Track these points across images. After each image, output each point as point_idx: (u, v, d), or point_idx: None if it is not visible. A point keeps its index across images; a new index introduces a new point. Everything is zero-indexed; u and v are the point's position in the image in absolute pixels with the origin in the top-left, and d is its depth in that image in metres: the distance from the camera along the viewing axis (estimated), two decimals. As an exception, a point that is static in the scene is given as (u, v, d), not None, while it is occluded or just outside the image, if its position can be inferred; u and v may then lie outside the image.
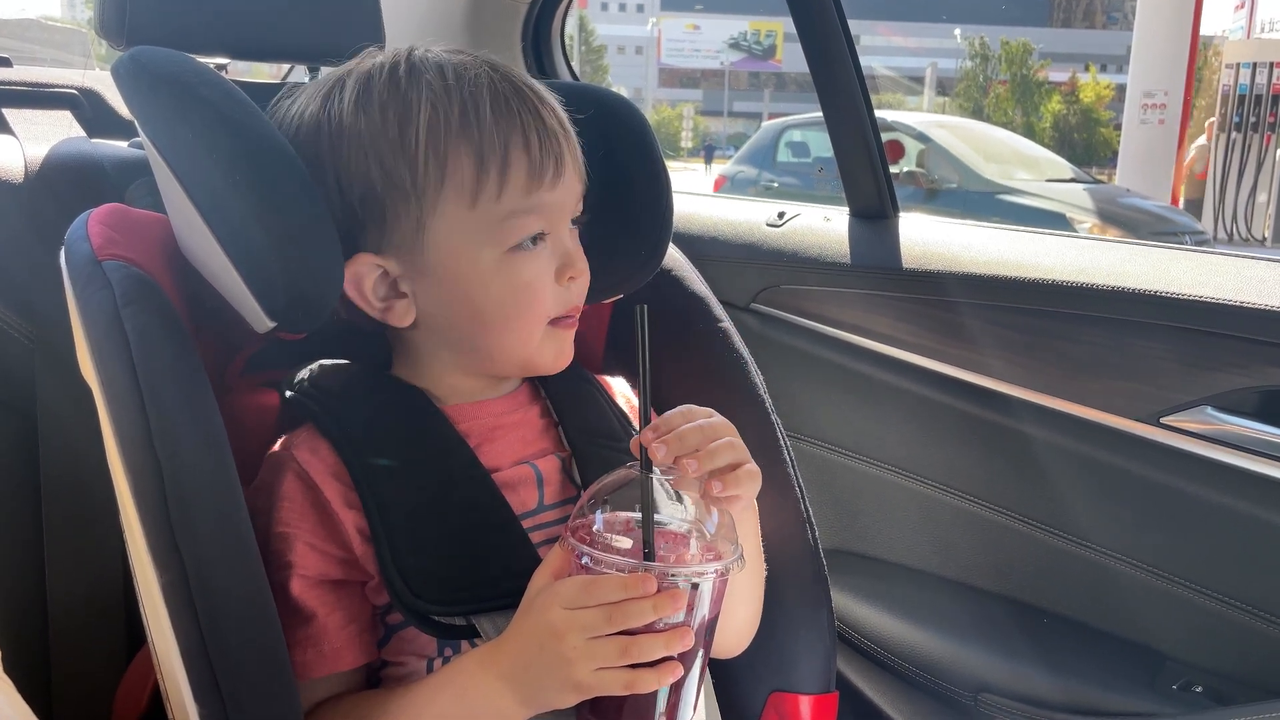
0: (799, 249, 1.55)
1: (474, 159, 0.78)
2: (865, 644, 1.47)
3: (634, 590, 0.68)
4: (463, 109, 0.78)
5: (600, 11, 54.06)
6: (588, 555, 0.70)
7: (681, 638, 0.70)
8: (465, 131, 0.78)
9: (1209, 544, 1.24)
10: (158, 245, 0.84)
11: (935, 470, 1.45)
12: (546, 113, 0.82)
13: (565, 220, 0.84)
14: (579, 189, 0.85)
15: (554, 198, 0.82)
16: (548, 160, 0.80)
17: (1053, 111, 31.52)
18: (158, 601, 0.71)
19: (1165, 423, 1.24)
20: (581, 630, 0.69)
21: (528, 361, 0.86)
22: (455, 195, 0.79)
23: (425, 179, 0.78)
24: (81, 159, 1.13)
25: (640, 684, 0.70)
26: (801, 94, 43.81)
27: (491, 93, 0.79)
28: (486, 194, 0.79)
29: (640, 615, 0.68)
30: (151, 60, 0.80)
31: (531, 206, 0.80)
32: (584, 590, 0.70)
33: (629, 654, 0.69)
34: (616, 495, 0.73)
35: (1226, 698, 1.22)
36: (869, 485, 1.52)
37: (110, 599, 1.11)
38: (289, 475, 0.80)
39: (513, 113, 0.79)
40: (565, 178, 0.82)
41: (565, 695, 0.71)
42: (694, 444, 0.75)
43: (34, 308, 1.09)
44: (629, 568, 0.69)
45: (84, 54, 6.52)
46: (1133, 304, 1.25)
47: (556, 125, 0.82)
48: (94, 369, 0.76)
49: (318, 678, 0.78)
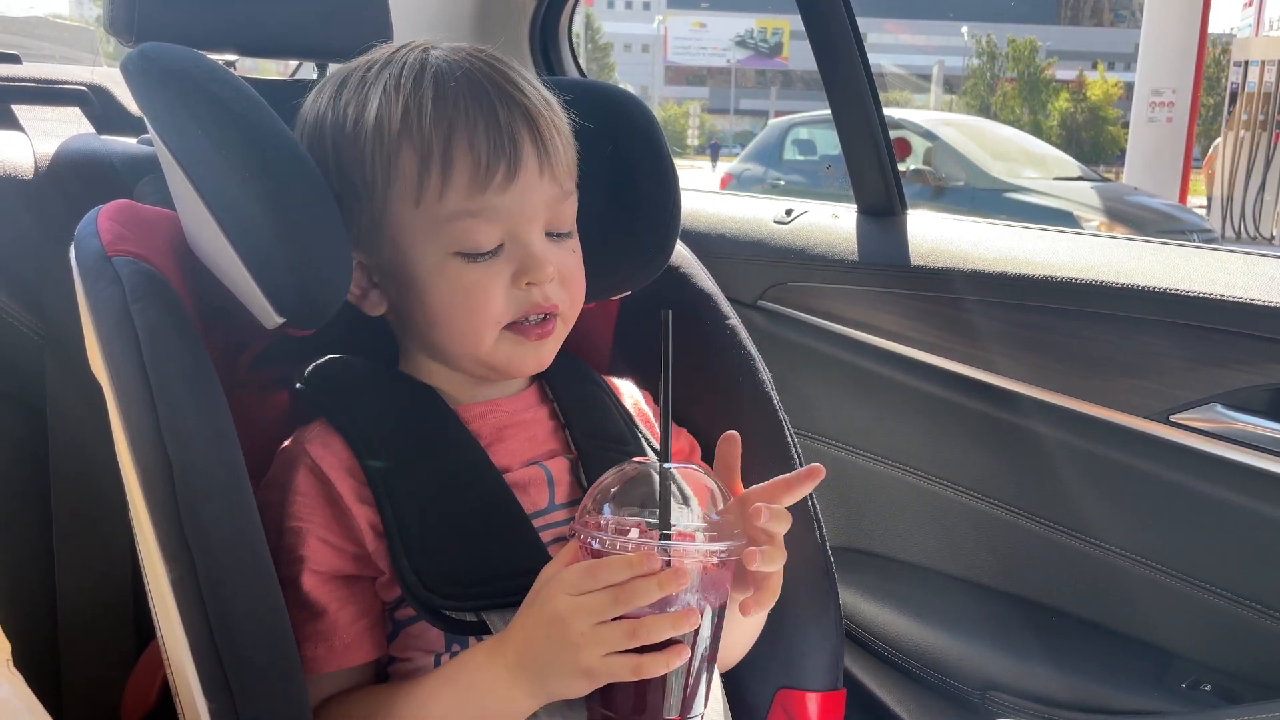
0: (807, 246, 1.54)
1: (416, 157, 0.78)
2: (873, 641, 1.47)
3: (639, 568, 0.68)
4: (406, 107, 0.78)
5: (606, 9, 54.01)
6: (597, 540, 0.71)
7: (688, 618, 0.70)
8: (406, 129, 0.78)
9: (1218, 542, 1.24)
10: (166, 241, 0.85)
11: (943, 468, 1.45)
12: (509, 112, 0.79)
13: (529, 224, 0.81)
14: (550, 192, 0.82)
15: (506, 201, 0.79)
16: (498, 162, 0.78)
17: (1060, 109, 31.44)
18: (167, 597, 0.71)
19: (1174, 420, 1.23)
20: (588, 614, 0.69)
21: (484, 363, 0.84)
22: (401, 194, 0.79)
23: (374, 176, 0.79)
24: (91, 155, 1.13)
25: (648, 668, 0.69)
26: (808, 91, 43.73)
27: (440, 90, 0.78)
28: (429, 194, 0.78)
29: (645, 593, 0.68)
30: (160, 56, 0.80)
31: (477, 209, 0.78)
32: (589, 573, 0.70)
33: (636, 636, 0.69)
34: (621, 493, 0.74)
35: (1235, 696, 1.22)
36: (877, 483, 1.52)
37: (119, 594, 1.11)
38: (302, 469, 0.80)
39: (460, 111, 0.77)
40: (523, 179, 0.79)
41: (574, 683, 0.71)
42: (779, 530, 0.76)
43: (44, 303, 1.09)
44: (636, 547, 0.69)
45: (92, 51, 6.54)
46: (1141, 301, 1.24)
47: (521, 125, 0.79)
48: (103, 364, 0.76)
49: (327, 673, 0.79)
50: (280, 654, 0.72)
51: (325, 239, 0.76)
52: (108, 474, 0.86)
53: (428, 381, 0.88)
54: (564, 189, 0.83)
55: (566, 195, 0.84)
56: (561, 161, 0.82)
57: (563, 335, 0.87)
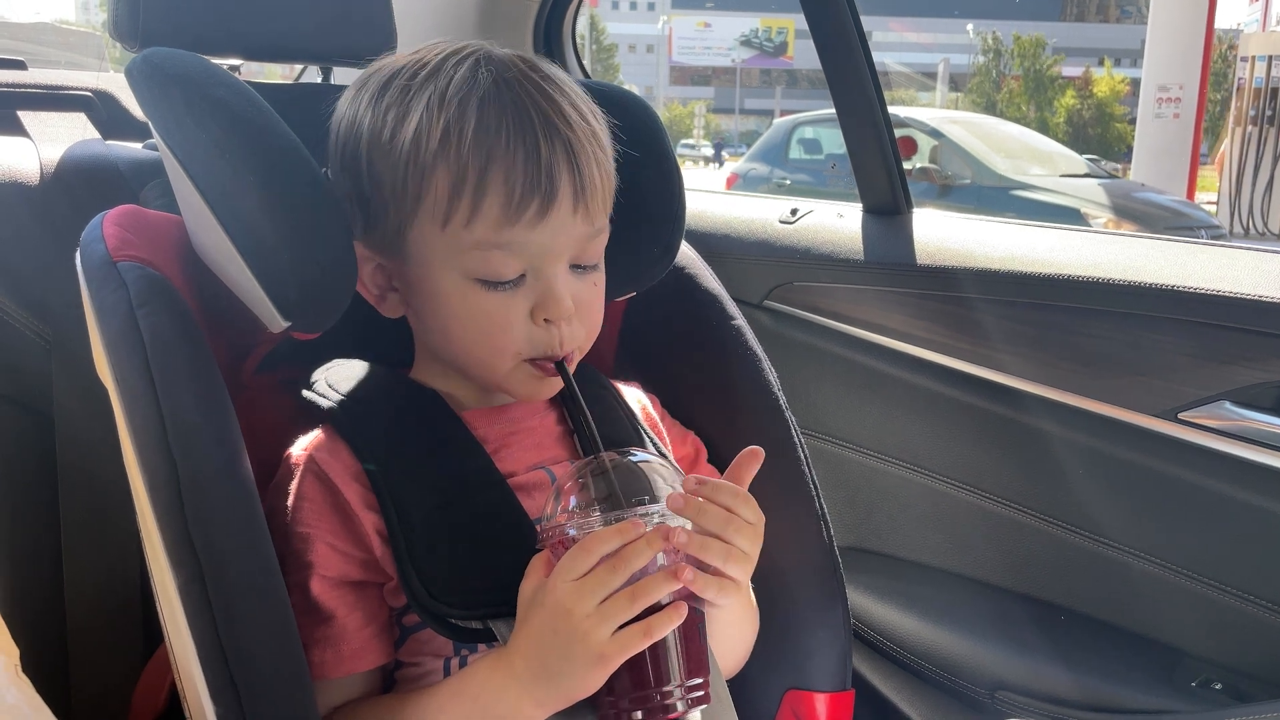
0: (812, 245, 1.54)
1: (450, 180, 0.75)
2: (881, 642, 1.47)
3: (628, 534, 0.71)
4: (447, 128, 0.75)
5: (611, 10, 54.07)
6: (572, 528, 0.73)
7: (680, 572, 0.71)
8: (444, 151, 0.75)
9: (1227, 539, 1.23)
10: (172, 246, 0.85)
11: (950, 467, 1.44)
12: (551, 145, 0.76)
13: (555, 260, 0.79)
14: (582, 230, 0.79)
15: (535, 238, 0.77)
16: (531, 198, 0.75)
17: (1066, 106, 31.37)
18: (174, 601, 0.71)
19: (1183, 418, 1.23)
20: (592, 592, 0.70)
21: (499, 387, 0.85)
22: (429, 211, 0.77)
23: (405, 188, 0.77)
24: (96, 160, 1.13)
25: (657, 628, 0.71)
26: (813, 91, 43.72)
27: (484, 115, 0.75)
28: (457, 218, 0.76)
29: (640, 554, 0.70)
30: (165, 61, 0.80)
31: (504, 242, 0.76)
32: (582, 551, 0.71)
33: (637, 598, 0.70)
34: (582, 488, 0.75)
35: (1246, 695, 1.21)
36: (884, 482, 1.51)
37: (127, 599, 1.11)
38: (308, 476, 0.80)
39: (501, 140, 0.75)
40: (555, 218, 0.77)
41: (589, 674, 0.71)
42: (713, 525, 0.74)
43: (49, 308, 1.09)
44: (616, 519, 0.72)
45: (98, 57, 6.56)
46: (1149, 299, 1.24)
47: (562, 160, 0.76)
48: (109, 369, 0.76)
49: (335, 678, 0.79)
50: (288, 658, 0.72)
51: (329, 243, 0.76)
52: (114, 479, 0.86)
53: (437, 385, 0.87)
54: (596, 226, 0.81)
55: (599, 232, 0.82)
56: (598, 197, 0.79)
57: (577, 360, 0.86)
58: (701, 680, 0.74)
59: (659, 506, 0.74)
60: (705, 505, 0.75)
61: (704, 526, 0.74)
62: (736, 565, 0.75)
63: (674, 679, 0.73)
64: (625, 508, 0.73)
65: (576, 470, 0.77)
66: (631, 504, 0.73)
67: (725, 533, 0.74)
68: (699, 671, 0.74)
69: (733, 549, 0.74)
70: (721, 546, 0.74)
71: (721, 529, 0.74)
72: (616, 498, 0.74)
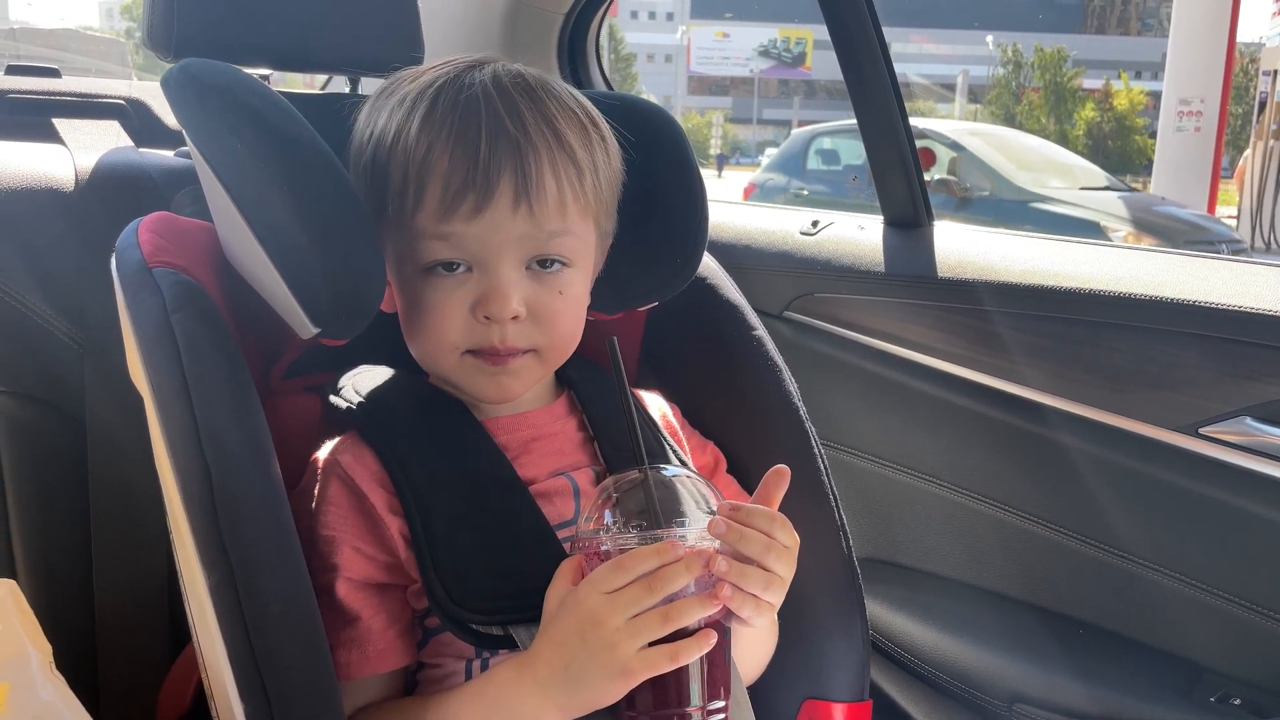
0: (833, 257, 1.55)
1: (399, 173, 0.79)
2: (899, 653, 1.47)
3: (666, 555, 0.71)
4: (400, 125, 0.79)
5: (630, 20, 54.19)
6: (609, 543, 0.73)
7: (713, 597, 0.72)
8: (395, 145, 0.79)
9: (1248, 555, 1.23)
10: (204, 252, 0.86)
11: (970, 479, 1.44)
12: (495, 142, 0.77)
13: (498, 255, 0.79)
14: (525, 229, 0.79)
15: (473, 232, 0.78)
16: (467, 192, 0.77)
17: (1086, 119, 31.21)
18: (205, 602, 0.72)
19: (1204, 433, 1.22)
20: (625, 607, 0.70)
21: (449, 381, 0.87)
22: (394, 201, 0.80)
23: (369, 185, 0.81)
24: (130, 168, 1.15)
25: (684, 653, 0.71)
26: (831, 101, 43.70)
27: (431, 112, 0.78)
28: (405, 209, 0.79)
29: (676, 577, 0.71)
30: (200, 71, 0.82)
31: (445, 234, 0.79)
32: (619, 568, 0.71)
33: (670, 619, 0.70)
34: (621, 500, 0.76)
35: (1265, 710, 1.21)
36: (903, 494, 1.51)
37: (155, 599, 1.13)
38: (334, 481, 0.82)
39: (441, 135, 0.77)
40: (492, 214, 0.78)
41: (611, 685, 0.71)
42: (753, 551, 0.75)
43: (84, 313, 1.11)
44: (653, 539, 0.72)
45: (122, 63, 6.62)
46: (1170, 313, 1.24)
47: (506, 158, 0.77)
48: (144, 374, 0.78)
49: (359, 679, 0.80)
50: (315, 658, 0.73)
51: (360, 251, 0.78)
52: (145, 481, 0.88)
53: (451, 390, 0.89)
54: (546, 229, 0.80)
55: (553, 235, 0.81)
56: (549, 200, 0.79)
57: (538, 374, 0.86)
58: (723, 704, 0.75)
59: (699, 529, 0.74)
60: (746, 532, 0.75)
61: (744, 553, 0.75)
62: (775, 592, 0.76)
63: (695, 701, 0.73)
64: (664, 527, 0.73)
65: (614, 482, 0.77)
66: (672, 524, 0.74)
67: (765, 560, 0.75)
68: (721, 694, 0.75)
69: (774, 576, 0.75)
70: (762, 575, 0.75)
71: (762, 556, 0.75)
72: (655, 515, 0.74)
